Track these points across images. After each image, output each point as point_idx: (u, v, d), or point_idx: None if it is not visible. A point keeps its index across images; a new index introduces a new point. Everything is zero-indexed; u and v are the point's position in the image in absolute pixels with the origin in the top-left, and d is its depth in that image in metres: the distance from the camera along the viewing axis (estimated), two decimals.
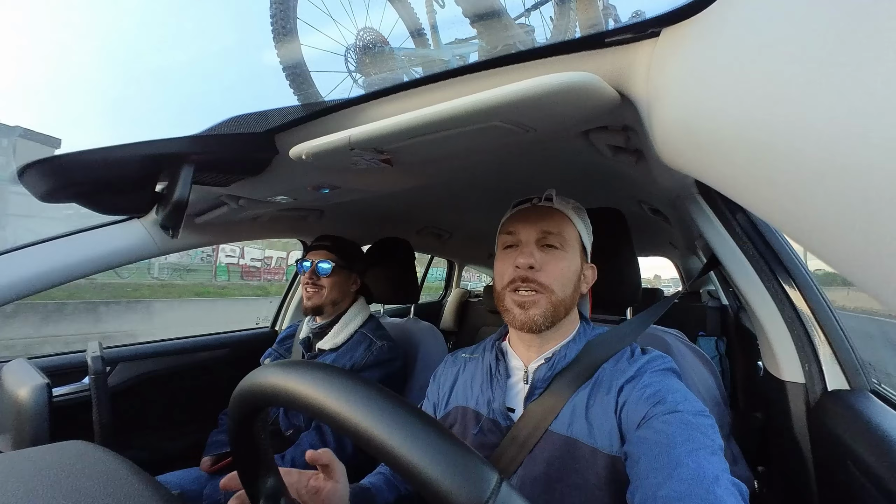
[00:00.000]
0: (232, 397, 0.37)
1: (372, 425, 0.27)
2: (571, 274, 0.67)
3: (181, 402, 1.44)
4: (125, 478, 0.32)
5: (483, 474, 0.25)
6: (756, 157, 0.28)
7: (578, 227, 0.71)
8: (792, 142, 0.25)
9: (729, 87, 0.30)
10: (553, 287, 0.65)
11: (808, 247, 0.28)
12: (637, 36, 0.43)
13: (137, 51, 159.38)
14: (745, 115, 0.28)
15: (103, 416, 0.88)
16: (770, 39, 0.26)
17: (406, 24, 1.45)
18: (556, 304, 0.65)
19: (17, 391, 0.67)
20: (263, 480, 0.42)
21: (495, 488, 0.25)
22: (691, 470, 0.46)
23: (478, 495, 0.24)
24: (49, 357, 1.22)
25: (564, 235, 0.68)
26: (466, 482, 0.24)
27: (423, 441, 0.26)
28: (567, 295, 0.67)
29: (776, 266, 0.82)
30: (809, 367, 0.76)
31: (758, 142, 0.28)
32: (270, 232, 1.49)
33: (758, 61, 0.27)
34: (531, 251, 0.67)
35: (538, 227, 0.68)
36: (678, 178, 0.78)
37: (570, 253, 0.68)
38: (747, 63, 0.28)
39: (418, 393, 1.19)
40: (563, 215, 0.70)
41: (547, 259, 0.66)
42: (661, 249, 2.98)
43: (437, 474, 0.25)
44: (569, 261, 0.68)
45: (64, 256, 0.98)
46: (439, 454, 0.25)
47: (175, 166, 0.75)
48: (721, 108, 0.31)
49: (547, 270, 0.66)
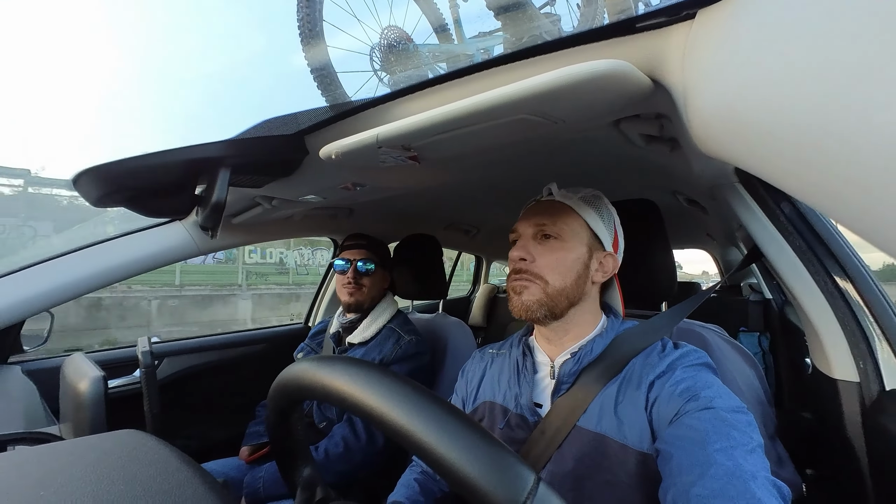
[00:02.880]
0: (270, 390, 0.38)
1: (409, 422, 0.27)
2: (571, 262, 0.67)
3: (221, 395, 1.52)
4: (175, 466, 0.34)
5: (521, 473, 0.25)
6: (807, 142, 0.27)
7: (587, 217, 0.69)
8: (848, 125, 0.23)
9: (775, 69, 0.28)
10: (546, 276, 0.66)
11: (866, 237, 0.26)
12: (671, 19, 0.41)
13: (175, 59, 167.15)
14: (795, 98, 0.27)
15: (153, 407, 0.94)
16: (819, 15, 0.25)
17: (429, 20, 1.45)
18: (553, 293, 0.65)
19: (77, 383, 0.72)
20: (300, 470, 0.44)
21: (533, 488, 0.24)
22: (726, 468, 0.45)
23: (515, 495, 0.24)
24: (103, 351, 1.31)
25: (561, 226, 0.68)
26: (504, 481, 0.24)
27: (461, 439, 0.26)
28: (567, 284, 0.66)
29: (826, 257, 0.77)
30: (864, 365, 0.71)
31: (809, 126, 0.26)
32: (302, 230, 1.53)
33: (806, 39, 0.25)
34: (525, 244, 0.68)
35: (533, 221, 0.69)
36: (716, 166, 0.75)
37: (571, 242, 0.68)
38: (794, 42, 0.26)
39: (447, 388, 1.19)
40: (564, 206, 0.70)
41: (542, 251, 0.67)
42: (697, 241, 2.85)
43: (475, 473, 0.25)
44: (567, 250, 0.67)
45: (115, 257, 1.04)
46: (477, 452, 0.25)
47: (213, 170, 0.78)
48: (767, 92, 0.29)
49: (540, 261, 0.67)
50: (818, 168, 0.27)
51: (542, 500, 0.24)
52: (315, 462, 0.45)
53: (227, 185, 0.80)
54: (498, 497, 0.24)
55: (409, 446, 0.27)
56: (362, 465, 1.04)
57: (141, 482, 0.31)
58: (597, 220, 0.70)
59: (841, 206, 0.27)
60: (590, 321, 0.70)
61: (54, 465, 0.33)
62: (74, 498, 0.28)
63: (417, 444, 0.27)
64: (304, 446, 0.44)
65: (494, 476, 0.24)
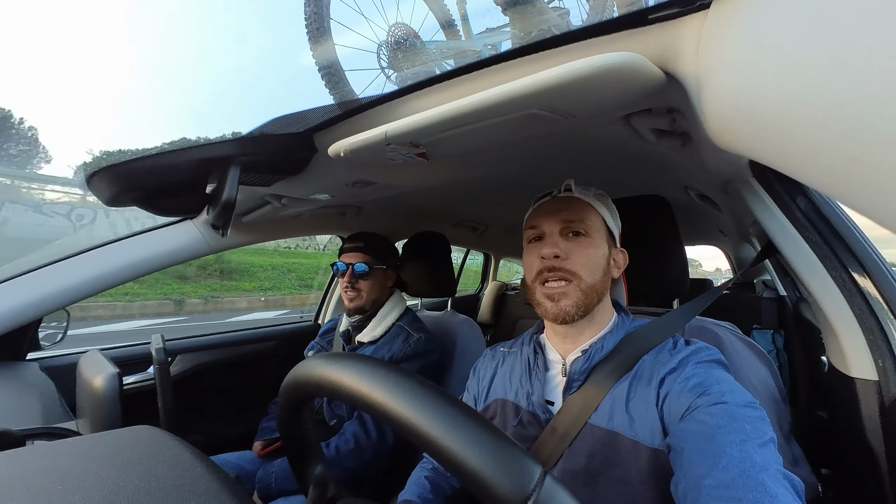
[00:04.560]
0: (281, 388, 0.39)
1: (416, 416, 0.27)
2: (599, 259, 0.67)
3: (233, 391, 1.53)
4: (189, 461, 0.34)
5: (527, 467, 0.25)
6: (825, 132, 0.26)
7: (602, 213, 0.70)
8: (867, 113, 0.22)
9: (792, 59, 0.27)
10: (581, 273, 0.65)
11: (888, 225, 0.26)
12: (684, 10, 0.40)
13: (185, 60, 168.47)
14: (812, 88, 0.26)
15: (167, 403, 0.95)
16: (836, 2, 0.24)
17: (436, 16, 1.44)
18: (587, 290, 0.65)
19: (92, 380, 0.74)
20: (312, 468, 0.44)
21: (539, 481, 0.24)
22: (738, 460, 0.44)
23: (521, 488, 0.24)
24: (117, 348, 1.33)
25: (587, 222, 0.68)
26: (510, 475, 0.24)
27: (468, 433, 0.26)
28: (597, 280, 0.66)
29: (843, 253, 0.75)
30: (884, 363, 0.69)
31: (827, 116, 0.25)
32: (312, 228, 1.54)
33: (822, 28, 0.25)
34: (555, 241, 0.67)
35: (560, 217, 0.68)
36: (730, 160, 0.73)
37: (597, 239, 0.68)
38: (811, 31, 0.26)
39: (457, 385, 1.19)
40: (585, 203, 0.70)
41: (572, 247, 0.67)
42: (710, 238, 2.81)
43: (481, 466, 0.25)
44: (595, 246, 0.67)
45: (127, 256, 1.06)
46: (483, 446, 0.25)
47: (223, 168, 0.79)
48: (783, 82, 0.28)
49: (573, 258, 0.66)
50: (838, 158, 0.26)
51: (548, 492, 0.24)
52: (326, 459, 0.46)
53: (237, 184, 0.81)
54: (505, 490, 0.24)
55: (416, 441, 0.27)
56: (373, 461, 1.05)
57: (155, 477, 0.31)
58: (609, 217, 0.71)
59: (862, 196, 0.26)
60: (605, 318, 0.70)
61: (71, 460, 0.33)
62: (90, 492, 0.29)
63: (424, 439, 0.27)
64: (316, 443, 0.44)
65: (501, 469, 0.25)
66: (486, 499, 0.25)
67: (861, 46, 0.23)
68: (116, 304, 6.83)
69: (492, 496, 0.24)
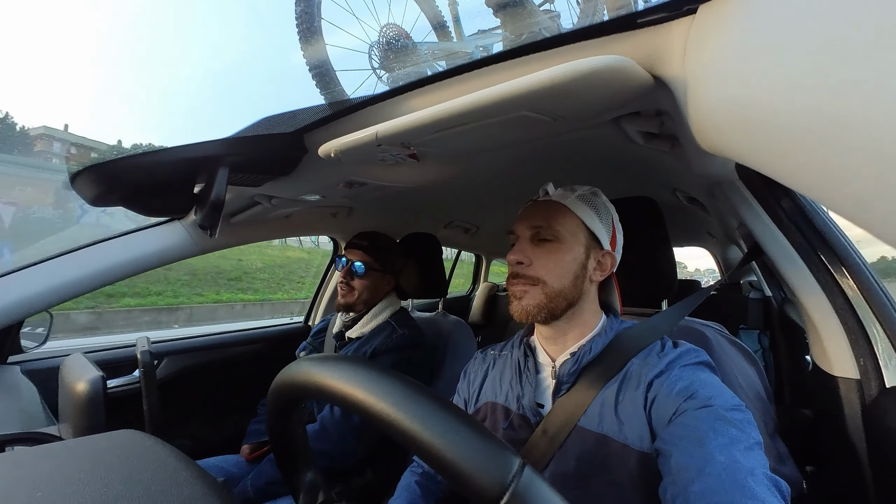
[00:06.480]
0: (269, 392, 0.38)
1: (396, 412, 0.27)
2: (568, 264, 0.67)
3: (222, 394, 1.51)
4: (174, 466, 0.34)
5: (505, 458, 0.25)
6: (810, 136, 0.26)
7: (583, 216, 0.69)
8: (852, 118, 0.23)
9: (777, 63, 0.28)
10: (545, 278, 0.66)
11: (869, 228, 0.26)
12: (672, 14, 0.41)
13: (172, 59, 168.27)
14: (797, 93, 0.26)
15: (153, 407, 0.93)
16: (821, 8, 0.24)
17: (428, 17, 1.44)
18: (551, 294, 0.65)
19: (76, 383, 0.72)
20: (303, 475, 0.43)
21: (518, 471, 0.25)
22: (724, 465, 0.45)
23: (500, 478, 0.24)
24: (102, 351, 1.30)
25: (557, 227, 0.68)
26: (489, 466, 0.25)
27: (446, 426, 0.26)
28: (565, 285, 0.66)
29: (826, 254, 0.77)
30: (864, 362, 0.71)
31: (812, 120, 0.26)
32: (302, 229, 1.53)
33: (808, 33, 0.25)
34: (522, 247, 0.68)
35: (529, 223, 0.69)
36: (717, 163, 0.74)
37: (568, 243, 0.68)
38: (797, 35, 0.26)
39: (447, 385, 1.19)
40: (561, 206, 0.69)
41: (539, 253, 0.67)
42: (698, 239, 2.85)
43: (459, 458, 0.25)
44: (564, 252, 0.67)
45: (113, 257, 1.04)
46: (461, 438, 0.26)
47: (211, 168, 0.78)
48: (769, 86, 0.29)
49: (538, 264, 0.67)
50: (821, 162, 0.27)
51: (526, 482, 0.24)
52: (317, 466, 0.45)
53: (226, 184, 0.80)
54: (483, 481, 0.24)
55: (398, 437, 0.27)
56: (340, 442, 1.04)
57: (140, 482, 0.31)
58: (593, 219, 0.69)
59: (845, 200, 0.27)
60: (590, 321, 0.69)
61: (52, 466, 0.33)
62: (73, 499, 0.28)
63: (406, 434, 0.27)
64: (306, 449, 0.44)
65: (479, 460, 0.25)
66: (465, 490, 0.25)
67: (845, 52, 0.23)
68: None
69: (471, 487, 0.25)
